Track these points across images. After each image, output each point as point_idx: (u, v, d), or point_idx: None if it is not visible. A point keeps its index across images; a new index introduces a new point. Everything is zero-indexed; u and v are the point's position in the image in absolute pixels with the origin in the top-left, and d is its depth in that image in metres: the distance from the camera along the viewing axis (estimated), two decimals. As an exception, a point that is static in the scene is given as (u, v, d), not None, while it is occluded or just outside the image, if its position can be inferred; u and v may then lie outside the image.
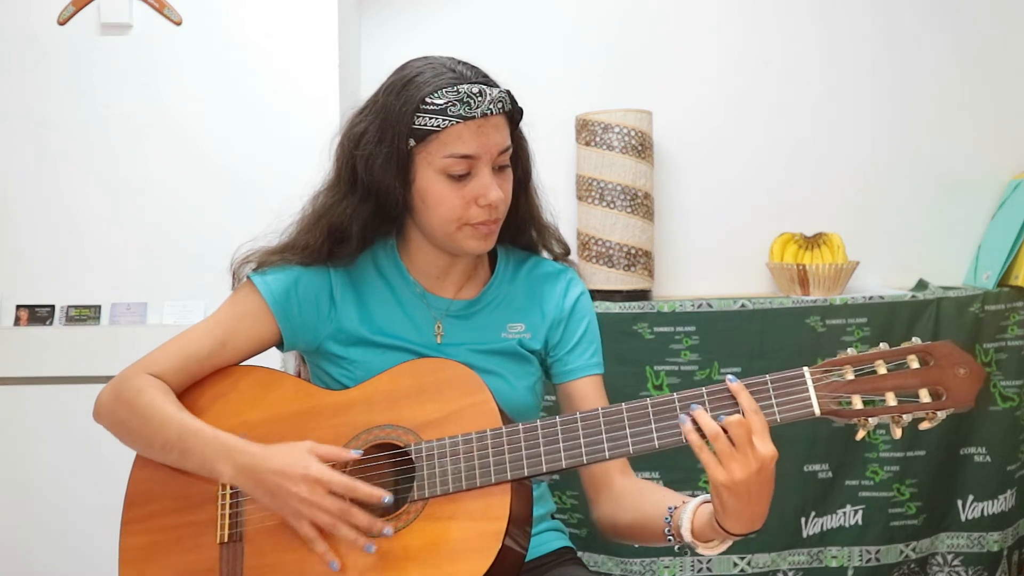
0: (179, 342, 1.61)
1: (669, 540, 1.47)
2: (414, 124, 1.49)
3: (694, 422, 1.34)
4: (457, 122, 1.48)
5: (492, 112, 1.50)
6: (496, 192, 1.51)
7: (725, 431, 1.32)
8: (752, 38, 3.21)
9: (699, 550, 1.43)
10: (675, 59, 3.21)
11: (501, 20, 3.20)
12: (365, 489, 1.39)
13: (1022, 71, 3.22)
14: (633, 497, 1.58)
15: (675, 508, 1.47)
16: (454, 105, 1.47)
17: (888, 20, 3.21)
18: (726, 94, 3.21)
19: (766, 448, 1.31)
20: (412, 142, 1.50)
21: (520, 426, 1.43)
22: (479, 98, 1.48)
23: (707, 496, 1.43)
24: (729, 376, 1.37)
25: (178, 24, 2.75)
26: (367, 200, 1.57)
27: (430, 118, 1.48)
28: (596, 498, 1.65)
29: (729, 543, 1.41)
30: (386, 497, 1.39)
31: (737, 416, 1.32)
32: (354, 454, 1.44)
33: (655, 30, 3.21)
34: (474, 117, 1.48)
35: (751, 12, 3.21)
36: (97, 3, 2.72)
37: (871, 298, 2.81)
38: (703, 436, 1.33)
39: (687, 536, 1.42)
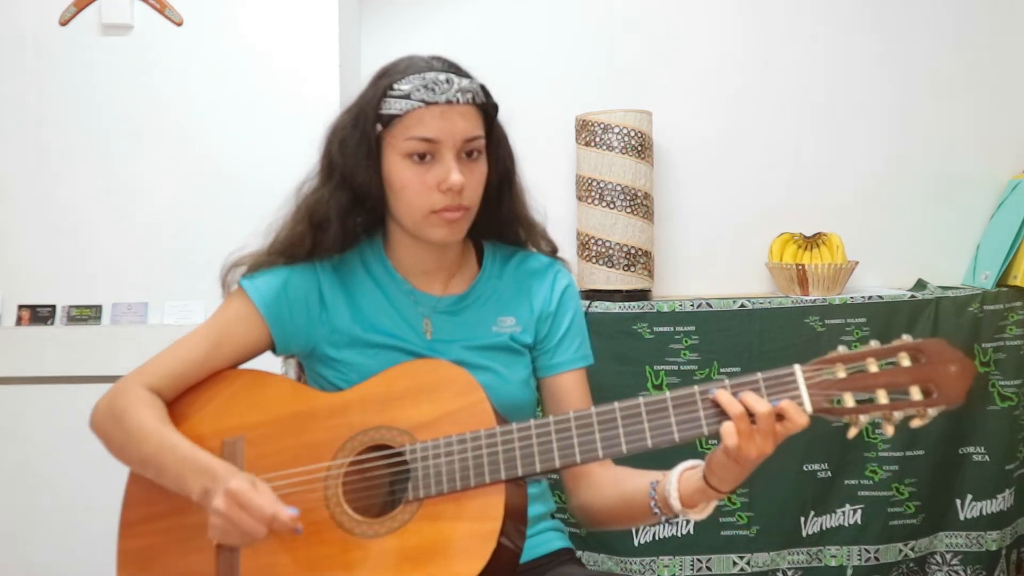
0: (173, 350, 1.61)
1: (656, 513, 1.50)
2: (381, 109, 1.52)
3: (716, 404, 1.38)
4: (420, 106, 1.50)
5: (459, 100, 1.51)
6: (456, 176, 1.51)
7: (751, 414, 1.35)
8: (752, 38, 3.22)
9: (689, 516, 1.47)
10: (675, 59, 3.22)
11: (501, 20, 3.21)
12: (283, 513, 1.38)
13: (1021, 71, 3.23)
14: (612, 483, 1.60)
15: (657, 482, 1.50)
16: (418, 90, 1.50)
17: (887, 20, 3.21)
18: (726, 94, 3.22)
19: (771, 447, 1.37)
20: (379, 127, 1.53)
21: (514, 426, 1.43)
22: (444, 85, 1.51)
23: (688, 464, 1.49)
24: (718, 385, 1.38)
25: (179, 25, 2.75)
26: (343, 187, 1.59)
27: (395, 102, 1.51)
28: (575, 489, 1.66)
29: (714, 505, 1.46)
30: (297, 528, 1.40)
31: (770, 407, 1.34)
32: (289, 512, 1.39)
33: (655, 30, 3.22)
34: (437, 102, 1.50)
35: (751, 12, 3.22)
36: (98, 4, 2.73)
37: (870, 298, 2.82)
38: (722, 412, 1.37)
39: (676, 505, 1.46)
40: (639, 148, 2.90)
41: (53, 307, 2.75)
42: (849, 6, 3.22)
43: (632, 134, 2.89)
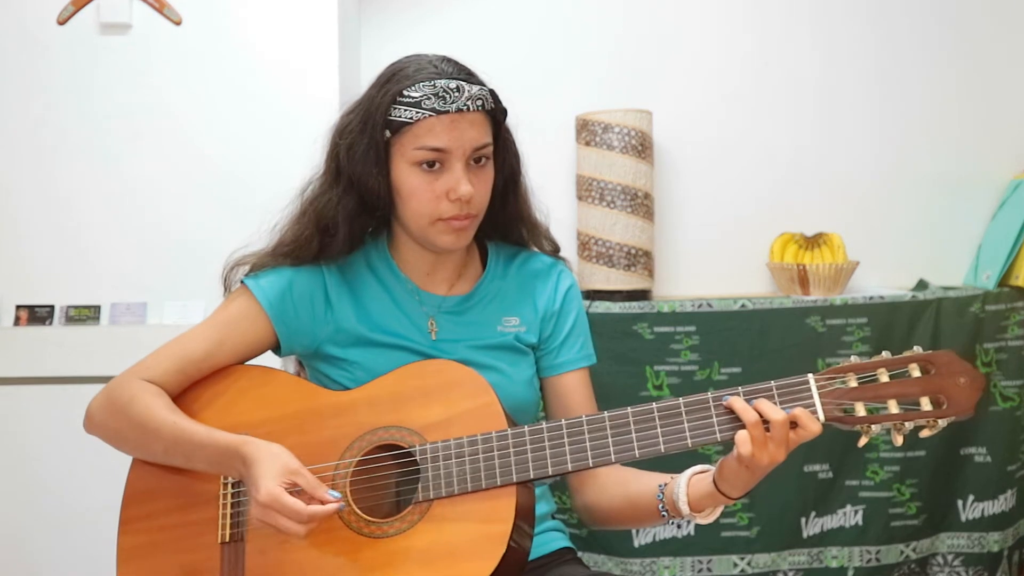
0: (173, 346, 1.60)
1: (663, 516, 1.51)
2: (390, 115, 1.51)
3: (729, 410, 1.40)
4: (430, 115, 1.49)
5: (468, 108, 1.51)
6: (466, 187, 1.51)
7: (765, 421, 1.36)
8: (752, 38, 3.22)
9: (696, 519, 1.48)
10: (675, 59, 3.21)
11: (501, 20, 3.20)
12: (320, 510, 1.37)
13: (1021, 71, 3.23)
14: (618, 484, 1.61)
15: (665, 485, 1.51)
16: (429, 99, 1.49)
17: (887, 20, 3.21)
18: (726, 94, 3.21)
19: (783, 455, 1.38)
20: (388, 133, 1.53)
21: (526, 428, 1.44)
22: (455, 93, 1.50)
23: (697, 468, 1.49)
24: (731, 392, 1.39)
25: (178, 24, 2.74)
26: (350, 191, 1.58)
27: (404, 110, 1.50)
28: (580, 488, 1.66)
29: (720, 509, 1.48)
30: (340, 504, 1.39)
31: (785, 415, 1.35)
32: (331, 495, 1.40)
33: (655, 30, 3.21)
34: (447, 112, 1.49)
35: (751, 12, 3.21)
36: (97, 3, 2.72)
37: (871, 298, 2.81)
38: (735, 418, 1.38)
39: (684, 509, 1.47)
40: (639, 148, 2.89)
41: (52, 307, 2.73)
42: (849, 6, 3.21)
43: (632, 134, 2.88)
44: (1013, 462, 2.86)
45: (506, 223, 1.71)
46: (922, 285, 3.05)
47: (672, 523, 1.54)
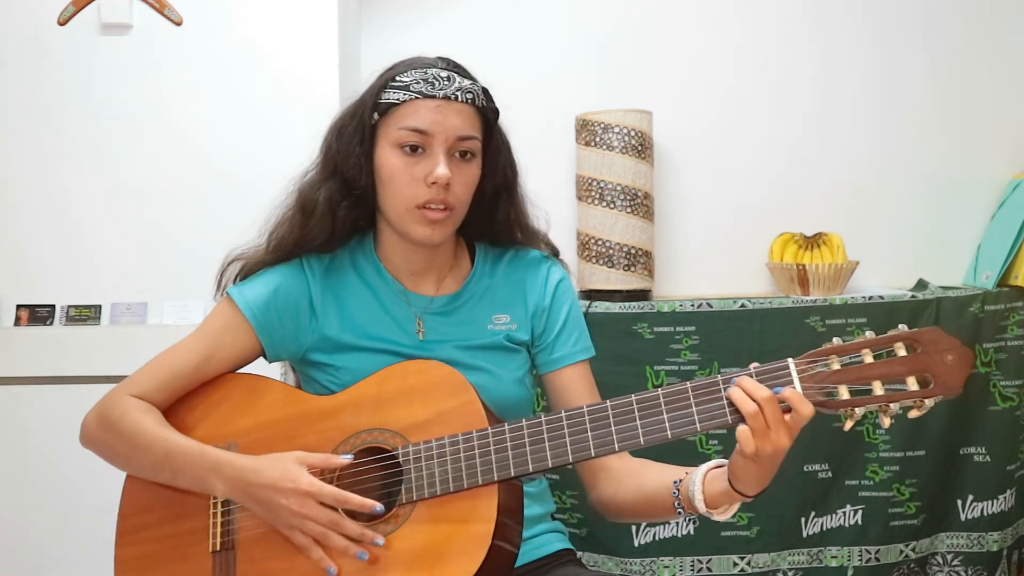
0: (162, 360, 1.62)
1: (679, 513, 1.50)
2: (379, 99, 1.56)
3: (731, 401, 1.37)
4: (416, 97, 1.53)
5: (456, 98, 1.54)
6: (443, 169, 1.52)
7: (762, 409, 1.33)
8: (751, 38, 3.21)
9: (714, 516, 1.46)
10: (674, 59, 3.21)
11: (501, 20, 3.20)
12: (356, 500, 1.41)
13: (1021, 71, 3.22)
14: (632, 476, 1.60)
15: (680, 481, 1.50)
16: (417, 83, 1.54)
17: (887, 20, 3.20)
18: (725, 94, 3.21)
19: (786, 439, 1.35)
20: (376, 116, 1.57)
21: (506, 426, 1.43)
22: (444, 82, 1.54)
23: (713, 463, 1.48)
24: (711, 382, 1.39)
25: (178, 24, 2.75)
26: (334, 175, 1.61)
27: (393, 93, 1.55)
28: (593, 482, 1.66)
29: (737, 506, 1.46)
30: (377, 507, 1.41)
31: (769, 392, 1.33)
32: (343, 459, 1.45)
33: (654, 30, 3.21)
34: (434, 96, 1.53)
35: (750, 12, 3.21)
36: (97, 3, 2.73)
37: (871, 298, 2.81)
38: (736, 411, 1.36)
39: (701, 507, 1.46)
40: (639, 148, 2.89)
41: (52, 307, 2.74)
42: (848, 6, 3.21)
43: (632, 134, 2.88)
44: (1012, 462, 2.85)
45: (497, 229, 1.71)
46: (921, 285, 3.04)
47: (688, 518, 1.53)
